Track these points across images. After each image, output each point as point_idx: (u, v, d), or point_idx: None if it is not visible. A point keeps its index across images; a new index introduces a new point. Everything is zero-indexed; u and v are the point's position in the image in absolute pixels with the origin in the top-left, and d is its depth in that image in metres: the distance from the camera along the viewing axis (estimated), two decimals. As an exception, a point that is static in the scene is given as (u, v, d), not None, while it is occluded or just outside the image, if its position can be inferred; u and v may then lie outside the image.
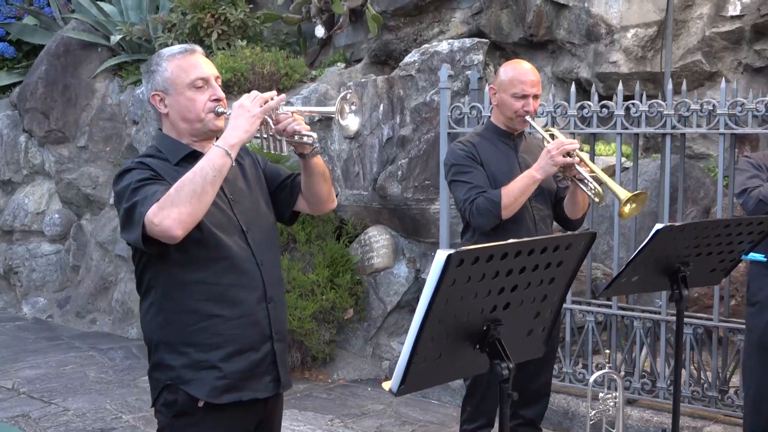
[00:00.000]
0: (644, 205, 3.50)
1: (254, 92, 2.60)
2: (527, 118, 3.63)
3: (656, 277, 3.11)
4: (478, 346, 2.27)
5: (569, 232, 3.69)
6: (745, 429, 4.02)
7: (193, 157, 2.62)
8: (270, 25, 8.23)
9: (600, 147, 6.54)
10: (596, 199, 3.49)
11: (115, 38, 8.19)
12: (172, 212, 2.39)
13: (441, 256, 2.04)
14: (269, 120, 2.60)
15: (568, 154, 3.45)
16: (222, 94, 2.67)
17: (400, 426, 5.25)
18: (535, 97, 3.64)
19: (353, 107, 2.65)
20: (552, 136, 3.65)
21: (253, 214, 2.73)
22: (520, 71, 3.66)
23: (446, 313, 2.14)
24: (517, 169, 3.62)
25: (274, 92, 2.63)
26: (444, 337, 2.20)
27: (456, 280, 2.09)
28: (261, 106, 2.55)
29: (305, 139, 2.64)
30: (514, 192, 3.48)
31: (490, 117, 3.86)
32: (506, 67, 3.74)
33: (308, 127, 2.66)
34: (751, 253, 3.29)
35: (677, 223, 2.94)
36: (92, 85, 8.57)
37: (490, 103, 3.95)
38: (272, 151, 2.69)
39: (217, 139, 2.65)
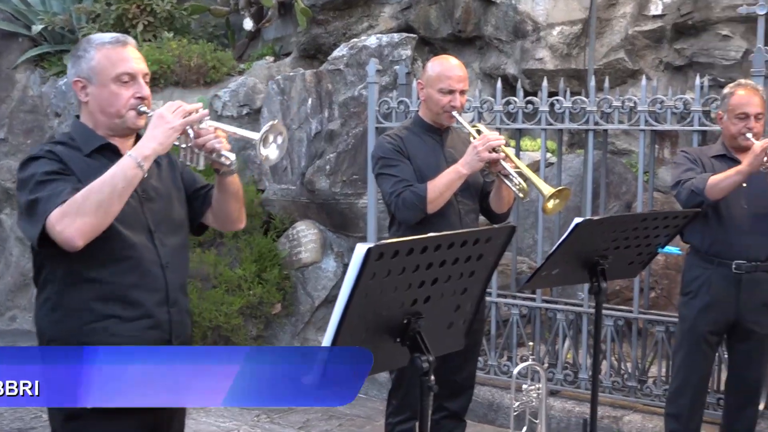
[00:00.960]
0: (567, 201, 3.56)
1: (178, 102, 2.53)
2: (454, 113, 3.64)
3: (576, 270, 3.17)
4: (398, 340, 2.27)
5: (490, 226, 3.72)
6: (666, 414, 4.11)
7: (108, 149, 2.57)
8: (197, 16, 8.11)
9: (526, 142, 6.63)
10: (521, 195, 3.52)
11: (37, 28, 7.97)
12: (76, 222, 2.34)
13: (360, 249, 2.04)
14: (190, 131, 2.52)
15: (494, 149, 3.48)
16: (147, 93, 2.59)
17: (327, 420, 5.24)
18: (462, 92, 3.66)
19: (279, 138, 2.58)
20: (478, 132, 3.68)
21: (164, 215, 2.65)
22: (447, 67, 3.68)
23: (366, 306, 2.15)
24: (444, 163, 3.63)
25: (200, 105, 2.57)
26: (364, 331, 2.20)
27: (376, 273, 2.10)
28: (182, 119, 2.48)
29: (223, 159, 2.57)
30: (440, 186, 3.50)
31: (417, 111, 3.87)
32: (433, 63, 3.76)
33: (229, 146, 2.58)
34: (667, 246, 3.38)
35: (596, 217, 3.01)
36: (12, 76, 8.32)
37: (418, 98, 3.97)
38: (188, 162, 2.61)
39: (136, 138, 2.60)
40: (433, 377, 2.24)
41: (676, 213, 3.30)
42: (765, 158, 3.58)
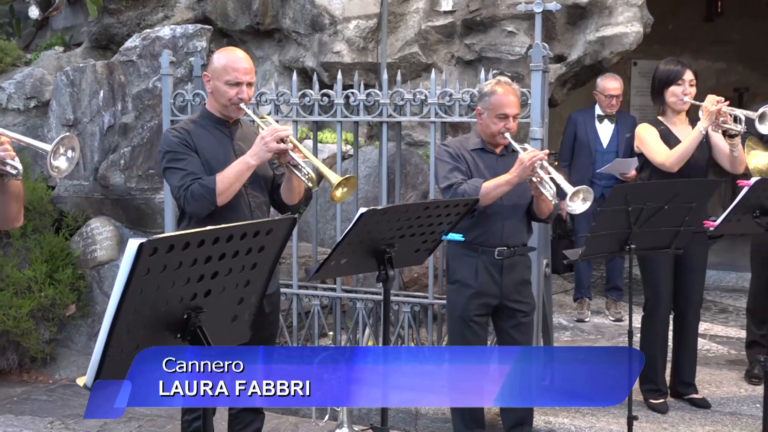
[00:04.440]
0: (355, 189, 3.62)
1: None
2: (242, 105, 3.62)
3: (364, 258, 3.24)
4: (179, 335, 2.24)
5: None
6: None
7: None
8: (-23, 3, 7.63)
9: (327, 135, 6.70)
10: (310, 184, 3.55)
11: None
12: None
13: (132, 245, 2.00)
14: None
15: (282, 140, 3.48)
16: None
17: (126, 422, 5.09)
18: (249, 84, 3.63)
19: (70, 153, 2.49)
20: (266, 123, 3.67)
21: None
22: (232, 59, 3.63)
23: (142, 303, 2.10)
24: (233, 156, 3.60)
25: None
26: (141, 328, 2.16)
27: (150, 269, 2.06)
28: None
29: (8, 168, 2.47)
30: (229, 178, 3.46)
31: (205, 104, 3.82)
32: (219, 55, 3.70)
33: (14, 155, 2.47)
34: (450, 234, 3.52)
35: (379, 207, 3.08)
36: None
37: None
38: None
39: None
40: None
41: (457, 201, 3.45)
42: (532, 169, 3.79)
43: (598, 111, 6.56)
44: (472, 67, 6.75)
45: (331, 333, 5.05)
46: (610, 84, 6.44)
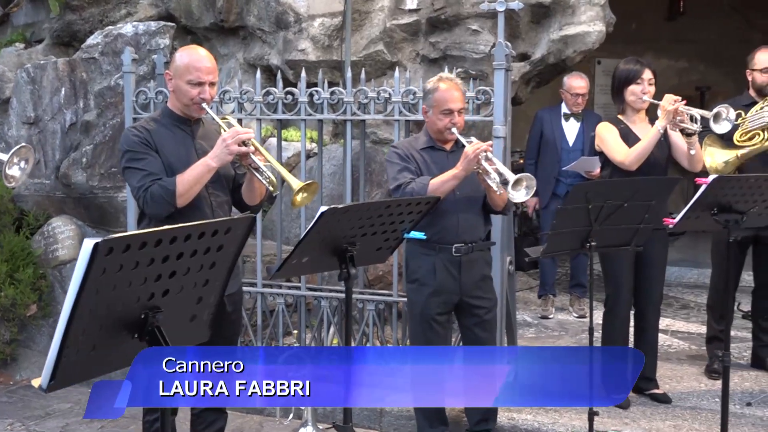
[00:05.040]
0: (316, 194, 3.60)
1: None
2: (204, 105, 3.59)
3: (326, 257, 3.24)
4: (137, 335, 2.23)
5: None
6: None
7: None
8: (-64, -1, 7.52)
9: (291, 133, 6.69)
10: (270, 188, 3.52)
11: None
12: None
13: (88, 245, 1.97)
14: None
15: (244, 143, 3.45)
16: None
17: (89, 423, 5.03)
18: (211, 84, 3.59)
19: (23, 163, 2.50)
20: (228, 125, 3.65)
21: None
22: (195, 58, 3.59)
23: (98, 303, 2.08)
24: (194, 155, 3.57)
25: None
26: (97, 328, 2.13)
27: (106, 269, 2.04)
28: None
29: None
30: (190, 180, 3.43)
31: (166, 102, 3.78)
32: (181, 53, 3.65)
33: None
34: (413, 232, 3.53)
35: (340, 206, 3.08)
36: None
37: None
38: None
39: None
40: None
41: (419, 200, 3.46)
42: (477, 161, 3.81)
43: (564, 109, 6.60)
44: (436, 66, 6.77)
45: (295, 331, 5.04)
46: (576, 83, 6.48)
